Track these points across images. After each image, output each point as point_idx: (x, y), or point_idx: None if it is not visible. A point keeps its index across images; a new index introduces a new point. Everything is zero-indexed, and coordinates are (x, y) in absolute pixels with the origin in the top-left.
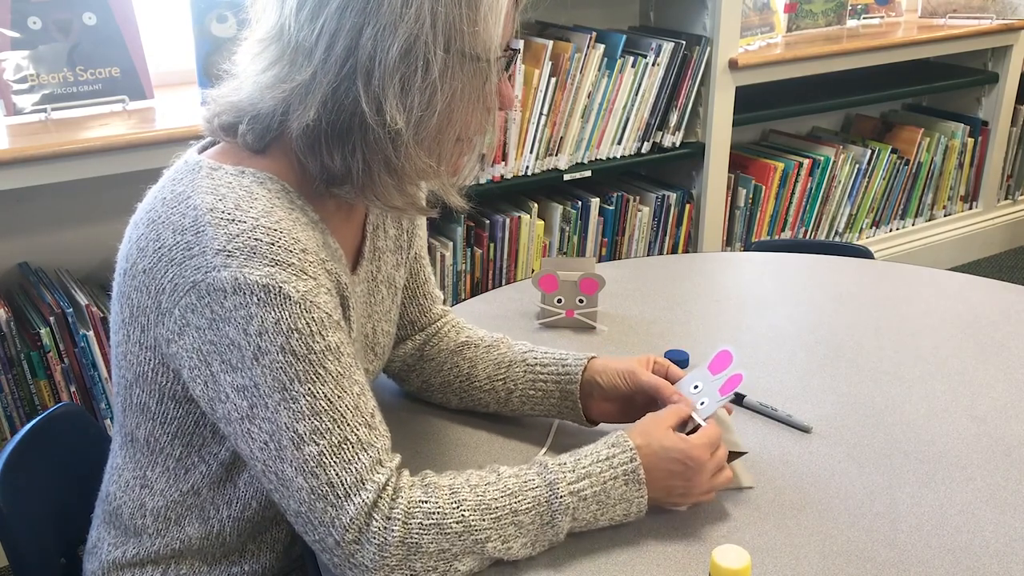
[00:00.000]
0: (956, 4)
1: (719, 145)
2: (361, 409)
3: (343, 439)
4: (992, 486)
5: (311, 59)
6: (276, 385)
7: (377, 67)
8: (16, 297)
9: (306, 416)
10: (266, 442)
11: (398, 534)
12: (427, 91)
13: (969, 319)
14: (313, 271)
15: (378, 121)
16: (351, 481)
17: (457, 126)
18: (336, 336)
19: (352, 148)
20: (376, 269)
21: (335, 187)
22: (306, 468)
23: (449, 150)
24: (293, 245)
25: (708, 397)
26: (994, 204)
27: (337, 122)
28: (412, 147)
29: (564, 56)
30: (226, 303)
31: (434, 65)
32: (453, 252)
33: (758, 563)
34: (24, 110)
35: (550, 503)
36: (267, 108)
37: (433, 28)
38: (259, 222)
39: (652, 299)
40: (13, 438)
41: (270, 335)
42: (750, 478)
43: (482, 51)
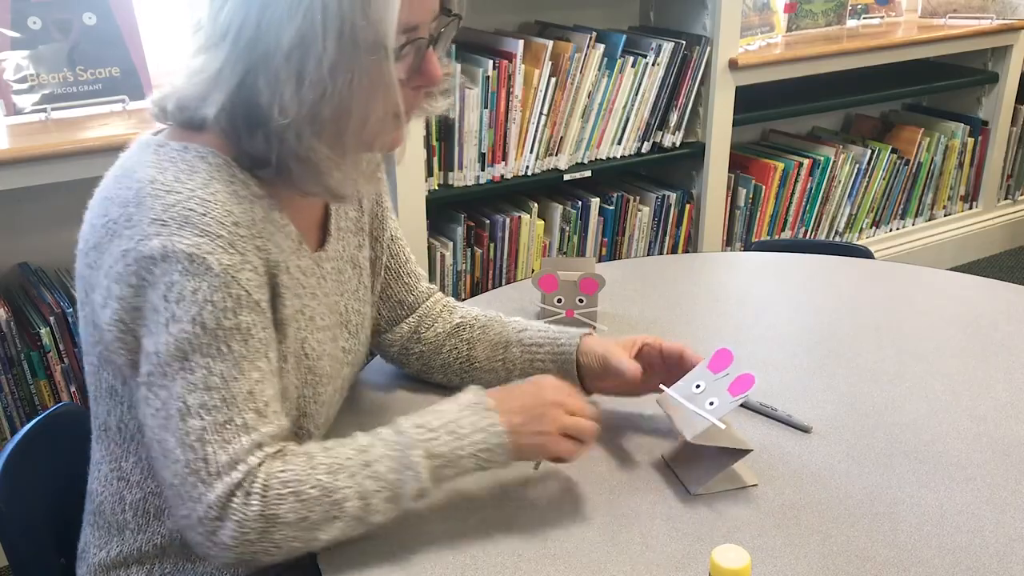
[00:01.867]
0: (956, 4)
1: (719, 145)
2: (255, 395)
3: (228, 419)
4: (992, 486)
5: (221, 50)
6: (178, 354)
7: (273, 60)
8: (16, 297)
9: (198, 389)
10: (158, 408)
11: (256, 508)
12: (320, 84)
13: (969, 319)
14: (241, 246)
15: (278, 115)
16: (225, 461)
17: (357, 117)
18: (249, 317)
19: (264, 137)
20: (341, 249)
21: (259, 171)
22: (186, 441)
23: (352, 140)
24: (225, 217)
25: (716, 397)
26: (994, 204)
27: (245, 111)
28: (312, 139)
29: (564, 56)
30: (155, 270)
31: (326, 58)
32: (453, 252)
33: (758, 563)
34: (24, 110)
35: (399, 443)
36: (193, 94)
37: (325, 21)
38: (195, 193)
39: (652, 299)
40: (13, 438)
41: (186, 303)
42: (752, 476)
43: (377, 41)
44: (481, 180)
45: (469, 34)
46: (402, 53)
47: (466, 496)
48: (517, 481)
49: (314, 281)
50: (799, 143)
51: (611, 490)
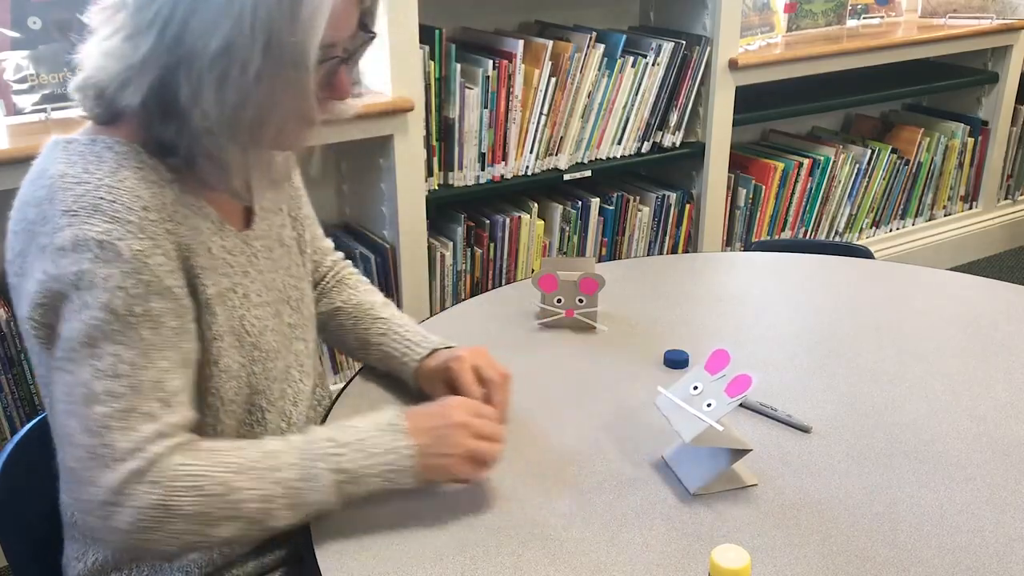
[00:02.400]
0: (956, 4)
1: (719, 145)
2: (163, 384)
3: (132, 407)
4: (992, 486)
5: (145, 40)
6: (87, 340)
7: (198, 60)
8: None
9: (105, 376)
10: (66, 393)
11: (156, 497)
12: (242, 91)
13: (969, 319)
14: (151, 231)
15: (195, 113)
16: (127, 448)
17: (273, 125)
18: (160, 304)
19: (178, 130)
20: (267, 228)
21: (168, 158)
22: (90, 427)
23: (267, 145)
24: (134, 203)
25: (714, 399)
26: (994, 204)
27: (163, 103)
28: (226, 141)
29: (564, 56)
30: (64, 260)
31: (251, 67)
32: (453, 252)
33: (758, 563)
34: (24, 110)
35: (307, 453)
36: (108, 79)
37: (252, 30)
38: (103, 181)
39: (652, 299)
40: (13, 438)
41: (97, 290)
42: (752, 476)
43: (300, 56)
44: (481, 180)
45: (469, 34)
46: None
47: (466, 496)
48: (518, 482)
49: (244, 259)
50: (799, 143)
51: (611, 490)
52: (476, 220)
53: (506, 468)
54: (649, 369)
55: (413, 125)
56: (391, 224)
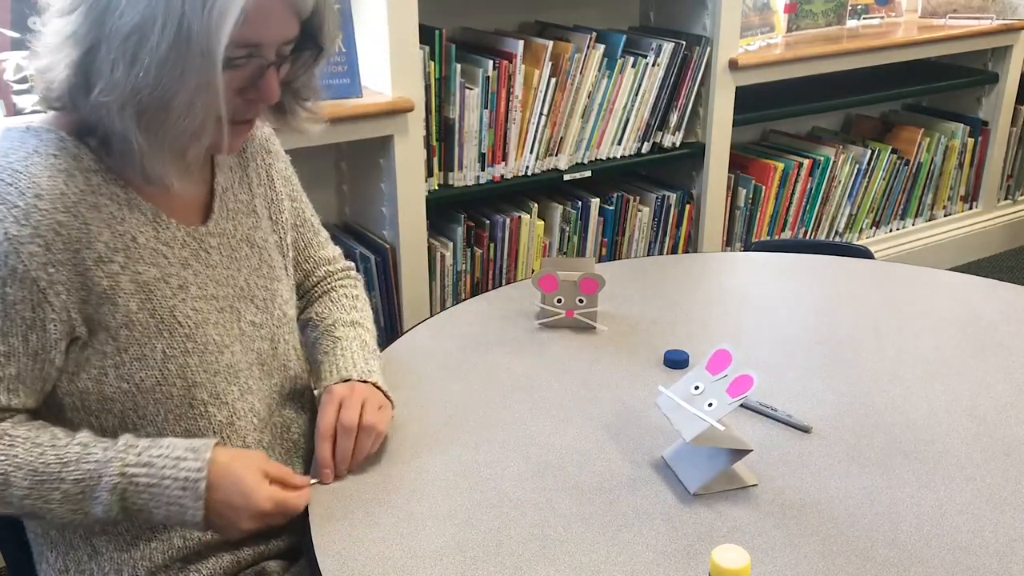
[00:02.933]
0: (956, 4)
1: (719, 145)
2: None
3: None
4: (992, 486)
5: (70, 19)
6: None
7: (114, 36)
8: None
9: None
10: None
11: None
12: (150, 72)
13: (969, 319)
14: (36, 219)
15: (105, 89)
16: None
17: (176, 112)
18: (16, 292)
19: (95, 108)
20: (233, 228)
21: (88, 138)
22: None
23: (171, 134)
24: (28, 189)
25: (715, 399)
26: (994, 204)
27: (83, 82)
28: (130, 121)
29: (564, 56)
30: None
31: (160, 49)
32: (453, 252)
33: (758, 563)
34: (24, 110)
35: (99, 478)
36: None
37: (166, 13)
38: (11, 165)
39: (652, 299)
40: None
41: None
42: (752, 476)
43: (209, 48)
44: (481, 180)
45: (469, 34)
46: (236, 64)
47: (466, 497)
48: (517, 482)
49: (188, 253)
50: (799, 143)
51: (611, 490)
52: (476, 220)
53: (506, 468)
54: (649, 369)
55: (413, 125)
56: (391, 224)
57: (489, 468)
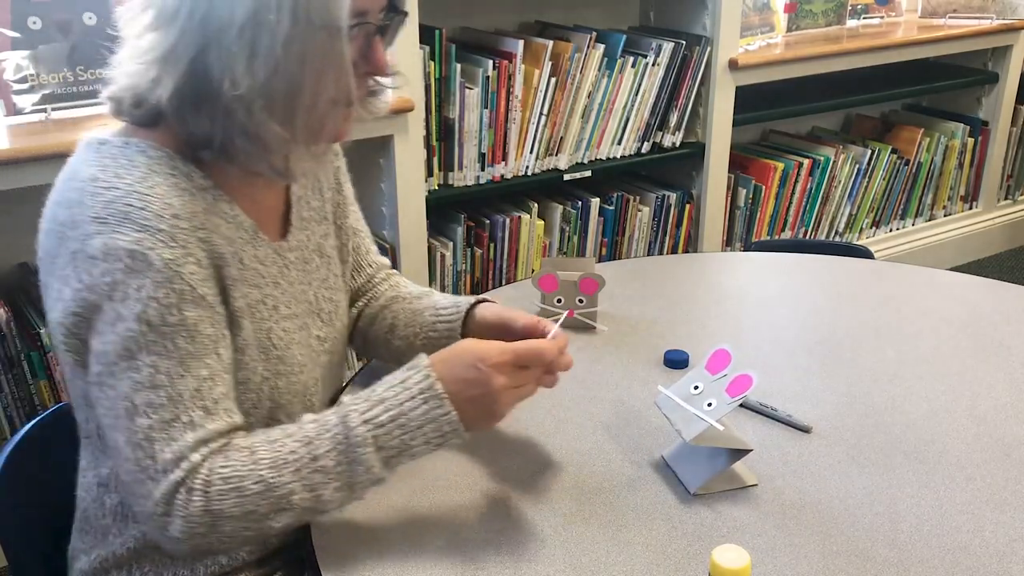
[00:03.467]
0: (956, 4)
1: (719, 145)
2: (203, 392)
3: (174, 417)
4: (992, 486)
5: (174, 27)
6: (124, 353)
7: (226, 33)
8: (16, 297)
9: (144, 388)
10: (108, 408)
11: (199, 504)
12: (273, 58)
13: (969, 319)
14: (183, 239)
15: (229, 87)
16: (170, 458)
17: (308, 94)
18: (194, 312)
19: (211, 114)
20: (306, 238)
21: (201, 152)
22: (134, 439)
23: (303, 119)
24: (164, 210)
25: (715, 399)
26: (994, 204)
27: (197, 89)
28: (262, 114)
29: (564, 56)
30: (95, 270)
31: (280, 32)
32: (453, 252)
33: (758, 563)
34: (24, 110)
35: (347, 439)
36: (143, 78)
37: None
38: (134, 188)
39: (652, 299)
40: (13, 438)
41: (130, 301)
42: (752, 476)
43: (331, 20)
44: (481, 180)
45: (469, 34)
46: (351, 35)
47: (466, 497)
48: (517, 482)
49: (276, 270)
50: (799, 143)
51: (611, 490)
52: (476, 220)
53: (506, 468)
54: (649, 369)
55: (413, 125)
56: (391, 224)
57: (489, 468)
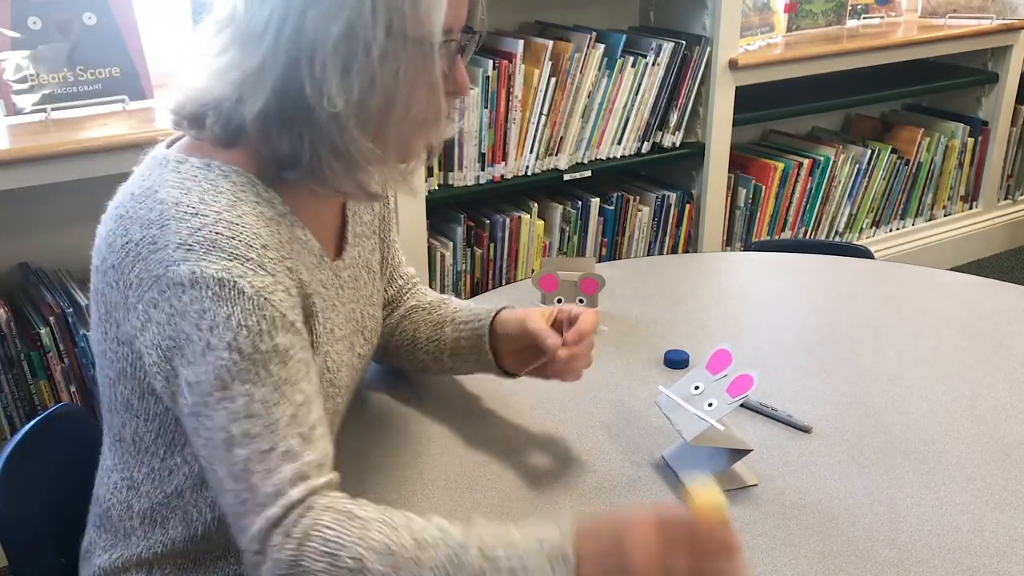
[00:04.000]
0: (956, 4)
1: (719, 145)
2: (299, 419)
3: (271, 447)
4: (992, 486)
5: (260, 44)
6: (218, 383)
7: (319, 50)
8: (16, 297)
9: (241, 418)
10: (207, 440)
11: (290, 553)
12: (368, 73)
13: (969, 319)
14: (272, 267)
15: (321, 105)
16: (269, 492)
17: (401, 109)
18: (285, 338)
19: (300, 133)
20: (358, 254)
21: (285, 172)
22: (233, 471)
23: (395, 135)
24: (254, 240)
25: (715, 398)
26: (994, 204)
27: (285, 107)
28: (356, 131)
29: (564, 56)
30: (184, 297)
31: (374, 48)
32: (453, 252)
33: (758, 563)
34: (24, 110)
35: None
36: (224, 96)
37: (374, 10)
38: (222, 216)
39: (652, 299)
40: (13, 438)
41: (220, 330)
42: (752, 476)
43: (424, 34)
44: (481, 180)
45: None
46: (440, 53)
47: (465, 497)
48: (517, 482)
49: (334, 292)
50: (799, 143)
51: (611, 490)
52: (476, 220)
53: (506, 469)
54: (649, 369)
55: None
56: None
57: (489, 468)
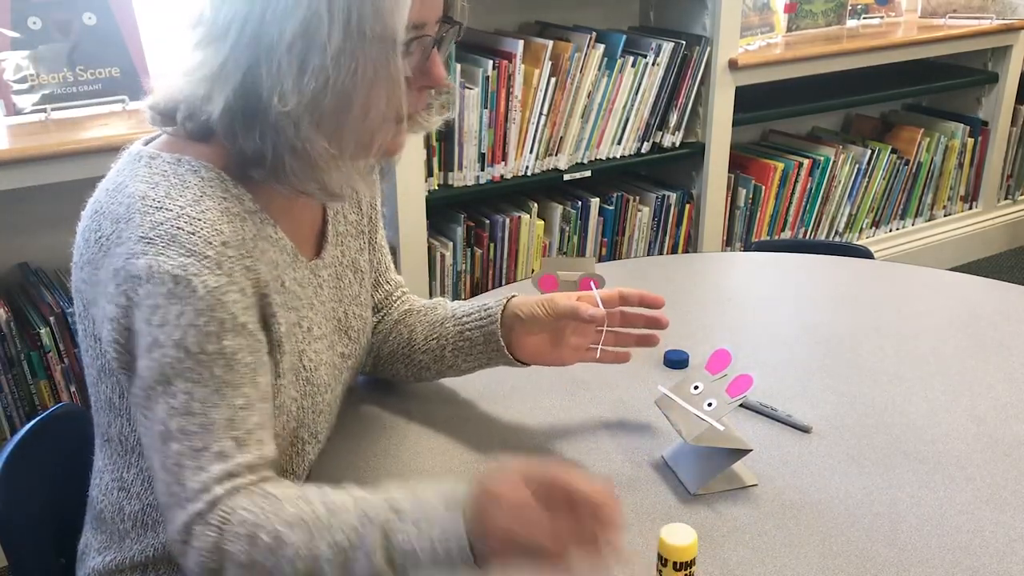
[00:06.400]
0: (956, 4)
1: (719, 145)
2: (235, 422)
3: (204, 446)
4: (992, 486)
5: (224, 43)
6: (161, 378)
7: (276, 48)
8: (16, 297)
9: (179, 414)
10: (146, 429)
11: (212, 539)
12: (323, 72)
13: (969, 319)
14: (228, 267)
15: (277, 104)
16: (197, 488)
17: (359, 110)
18: (234, 341)
19: (261, 132)
20: (340, 254)
21: (250, 170)
22: (166, 464)
23: (352, 134)
24: (214, 237)
25: (715, 398)
26: (994, 204)
27: (247, 107)
28: (311, 130)
29: (564, 56)
30: (140, 291)
31: (330, 47)
32: (453, 252)
33: (758, 563)
34: (24, 110)
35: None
36: (193, 94)
37: (330, 9)
38: (184, 211)
39: None
40: (13, 438)
41: (169, 327)
42: (752, 476)
43: (387, 32)
44: (481, 180)
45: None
46: (409, 50)
47: None
48: None
49: (311, 291)
50: (799, 143)
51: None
52: (476, 220)
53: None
54: (649, 369)
55: None
56: (391, 224)
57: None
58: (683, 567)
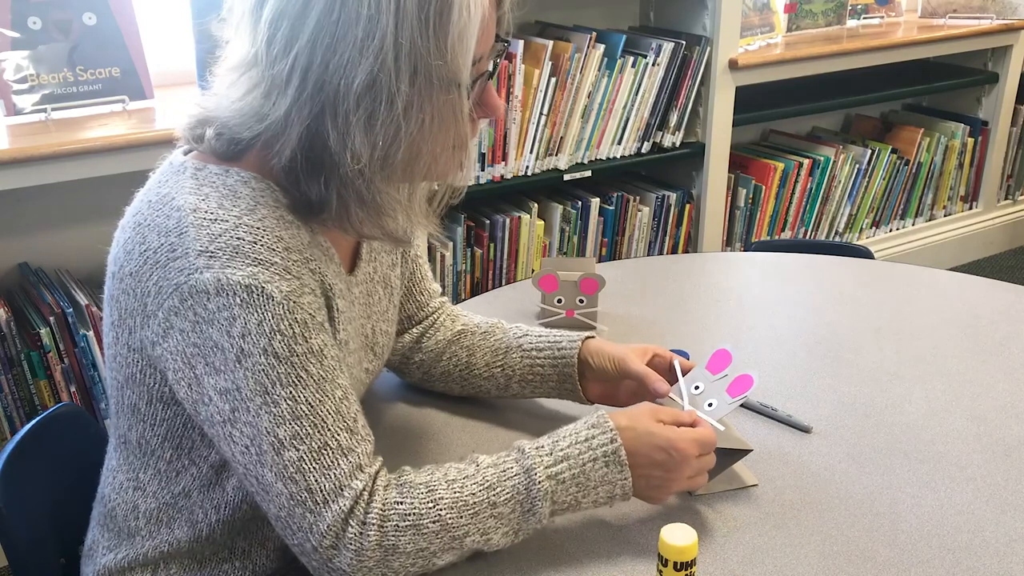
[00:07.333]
0: (956, 4)
1: (719, 145)
2: (343, 413)
3: (323, 444)
4: (992, 486)
5: (285, 94)
6: (258, 388)
7: (342, 102)
8: (16, 297)
9: (287, 420)
10: (247, 446)
11: (374, 538)
12: (392, 125)
13: (969, 319)
14: (297, 270)
15: (346, 157)
16: (329, 488)
17: (426, 158)
18: (319, 338)
19: (326, 182)
20: (373, 270)
21: (314, 216)
22: (286, 474)
23: (421, 177)
24: (276, 244)
25: (716, 398)
26: (994, 204)
27: (311, 157)
28: (381, 181)
29: (564, 56)
30: (209, 305)
31: (399, 99)
32: (453, 252)
33: (758, 563)
34: (24, 110)
35: (528, 490)
36: (245, 134)
37: (396, 61)
38: (241, 220)
39: (652, 299)
40: (13, 438)
41: (253, 337)
42: (752, 476)
43: (452, 77)
44: (481, 180)
45: None
46: (472, 88)
47: None
48: None
49: (347, 304)
50: (799, 143)
51: None
52: (476, 220)
53: None
54: None
55: None
56: None
57: None
58: (683, 567)
